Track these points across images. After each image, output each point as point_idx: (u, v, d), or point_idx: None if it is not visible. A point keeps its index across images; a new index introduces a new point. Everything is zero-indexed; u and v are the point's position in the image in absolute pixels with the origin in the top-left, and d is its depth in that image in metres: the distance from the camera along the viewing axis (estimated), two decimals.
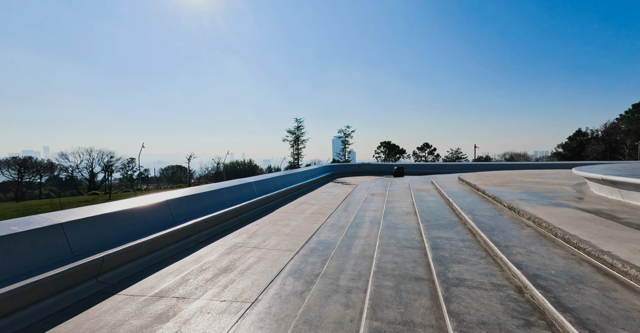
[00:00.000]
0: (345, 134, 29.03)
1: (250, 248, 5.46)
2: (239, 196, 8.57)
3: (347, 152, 29.66)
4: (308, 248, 5.27)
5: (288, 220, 7.73)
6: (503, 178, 10.00)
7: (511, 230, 4.08)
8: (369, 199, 9.61)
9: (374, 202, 9.04)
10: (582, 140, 47.78)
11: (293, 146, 25.00)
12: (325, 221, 7.32)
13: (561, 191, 6.60)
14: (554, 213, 4.44)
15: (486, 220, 4.74)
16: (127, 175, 45.38)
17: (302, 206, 9.64)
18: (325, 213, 8.39)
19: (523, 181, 8.83)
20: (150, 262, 4.51)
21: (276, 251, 5.22)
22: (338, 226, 6.73)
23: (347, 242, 5.14)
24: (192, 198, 6.62)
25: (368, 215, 7.31)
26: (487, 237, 3.84)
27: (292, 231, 6.60)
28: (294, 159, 25.04)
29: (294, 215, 8.40)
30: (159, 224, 5.30)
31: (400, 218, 6.27)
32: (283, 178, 12.46)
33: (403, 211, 6.88)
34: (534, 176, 10.18)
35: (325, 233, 6.15)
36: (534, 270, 2.72)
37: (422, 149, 51.07)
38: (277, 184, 11.48)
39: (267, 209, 9.29)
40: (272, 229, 6.80)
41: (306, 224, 7.21)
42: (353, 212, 8.08)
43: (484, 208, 5.70)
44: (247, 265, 4.58)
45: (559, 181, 8.38)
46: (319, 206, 9.54)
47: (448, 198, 7.21)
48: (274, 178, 11.56)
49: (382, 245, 4.50)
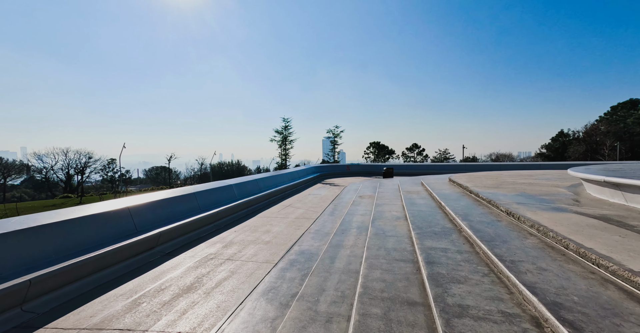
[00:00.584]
0: (334, 134, 28.52)
1: (223, 259, 4.82)
2: (218, 200, 7.90)
3: (336, 152, 29.17)
4: (288, 259, 4.68)
5: (270, 226, 7.11)
6: (494, 179, 9.65)
7: (513, 240, 3.60)
8: (357, 202, 9.09)
9: (362, 205, 8.52)
10: (565, 141, 48.84)
11: (281, 147, 24.31)
12: (309, 227, 6.74)
13: (557, 193, 6.23)
14: (558, 219, 4.00)
15: (484, 227, 4.27)
16: (107, 177, 43.39)
17: (287, 210, 9.03)
18: (310, 218, 7.81)
19: (515, 182, 8.48)
20: (99, 282, 3.81)
21: (252, 264, 4.60)
22: (323, 232, 6.16)
23: (331, 253, 4.57)
24: (162, 203, 5.93)
25: (355, 219, 6.77)
26: (487, 249, 3.35)
27: (273, 238, 5.99)
28: (282, 160, 24.34)
29: (277, 219, 7.79)
30: (116, 234, 4.60)
31: (390, 224, 5.75)
32: (268, 179, 11.82)
33: (393, 216, 6.37)
34: (525, 177, 9.88)
35: (309, 242, 5.57)
36: (552, 296, 2.22)
37: (411, 149, 51.14)
38: (261, 187, 10.83)
39: (249, 213, 8.64)
40: (251, 236, 6.18)
41: (289, 230, 6.62)
42: (340, 216, 7.52)
43: (479, 212, 5.24)
44: (216, 282, 3.95)
45: (552, 183, 8.06)
46: (304, 210, 8.95)
47: (440, 201, 6.75)
48: (257, 179, 10.91)
49: (370, 257, 3.95)
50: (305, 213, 8.50)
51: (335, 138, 28.19)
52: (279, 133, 24.24)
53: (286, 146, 24.23)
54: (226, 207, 7.50)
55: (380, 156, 50.08)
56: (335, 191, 13.22)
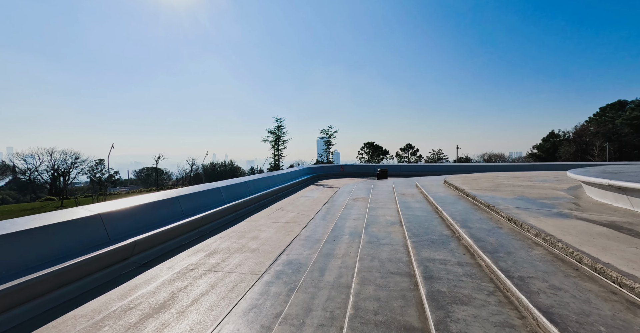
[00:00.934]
0: (327, 134, 28.16)
1: (204, 271, 4.42)
2: (203, 204, 7.47)
3: (330, 153, 28.86)
4: (274, 270, 4.30)
5: (258, 231, 6.72)
6: (490, 181, 9.41)
7: (518, 251, 3.28)
8: (350, 205, 8.74)
9: (355, 208, 8.18)
10: (555, 141, 49.35)
11: (274, 147, 23.87)
12: (300, 233, 6.37)
13: (557, 196, 5.97)
14: (564, 226, 3.70)
15: (484, 235, 3.95)
16: (95, 178, 42.14)
17: (277, 213, 8.64)
18: (301, 222, 7.44)
19: (512, 184, 8.24)
20: (58, 301, 3.38)
21: (235, 276, 4.21)
22: (313, 239, 5.80)
23: (321, 263, 4.21)
24: (140, 209, 5.49)
25: (348, 225, 6.42)
26: (491, 261, 3.02)
27: (261, 246, 5.61)
28: (275, 161, 23.90)
29: (266, 224, 7.40)
30: (85, 245, 4.16)
31: (384, 229, 5.42)
32: (258, 181, 11.40)
33: (387, 221, 6.04)
34: (521, 179, 9.66)
35: (298, 250, 5.20)
36: (574, 325, 1.89)
37: (405, 150, 51.11)
38: (251, 189, 10.42)
39: (238, 217, 8.23)
40: (237, 243, 5.78)
41: (278, 236, 6.24)
42: (332, 221, 7.17)
43: (478, 218, 4.93)
44: (193, 298, 3.55)
45: (550, 185, 7.83)
46: (295, 213, 8.58)
47: (436, 204, 6.44)
48: (247, 181, 10.49)
49: (363, 269, 3.60)
50: (297, 216, 8.12)
51: (329, 138, 27.86)
52: (271, 133, 23.80)
53: (279, 146, 23.83)
54: (212, 211, 7.08)
55: (374, 156, 49.94)
56: (328, 193, 12.88)
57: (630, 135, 40.67)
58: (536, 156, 50.23)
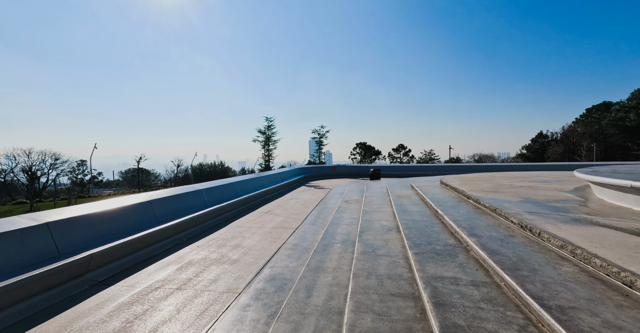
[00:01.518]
0: (319, 134, 27.50)
1: (171, 289, 3.74)
2: (181, 209, 6.76)
3: (322, 153, 28.22)
4: (254, 289, 3.65)
5: (242, 238, 6.06)
6: (489, 181, 8.94)
7: (544, 268, 2.73)
8: (343, 208, 8.14)
9: (348, 212, 7.58)
10: (544, 142, 49.87)
11: (264, 147, 23.12)
12: (287, 240, 5.73)
13: (566, 199, 5.49)
14: (591, 236, 3.17)
15: (497, 245, 3.39)
16: (77, 179, 40.28)
17: (264, 218, 7.98)
18: (289, 227, 6.80)
19: (513, 185, 7.77)
20: None
21: (208, 296, 3.55)
22: (302, 248, 5.17)
23: (309, 280, 3.59)
24: (104, 216, 4.76)
25: (340, 231, 5.81)
26: (514, 282, 2.45)
27: (242, 256, 4.95)
28: (265, 161, 23.15)
29: (251, 230, 6.73)
30: (21, 263, 3.43)
31: (380, 237, 4.82)
32: (245, 182, 10.70)
33: (383, 227, 5.45)
34: (520, 180, 9.23)
35: (283, 261, 4.56)
36: None
37: (397, 150, 50.91)
38: (236, 191, 9.72)
39: (220, 222, 7.53)
40: (215, 253, 5.10)
41: (263, 244, 5.58)
42: (323, 226, 6.55)
43: (485, 224, 4.39)
44: (150, 329, 2.88)
45: (553, 186, 7.38)
46: (284, 218, 7.93)
47: (435, 208, 5.89)
48: (232, 183, 9.78)
49: (358, 289, 2.99)
50: (285, 221, 7.48)
51: (320, 138, 27.23)
52: (261, 133, 23.03)
53: (269, 146, 23.07)
54: (190, 217, 6.37)
55: (367, 156, 49.58)
56: (319, 194, 12.26)
57: (616, 136, 41.32)
58: (525, 156, 50.68)
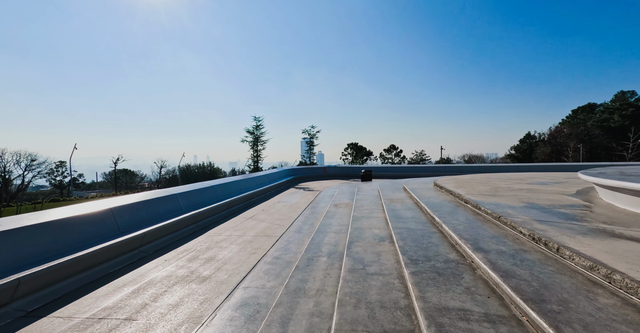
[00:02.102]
0: (310, 134, 26.79)
1: (118, 321, 3.06)
2: (152, 216, 6.04)
3: (312, 154, 27.56)
4: (220, 319, 3.00)
5: (218, 249, 5.39)
6: (485, 184, 8.48)
7: (576, 298, 2.17)
8: (332, 213, 7.54)
9: (337, 217, 6.98)
10: (531, 143, 50.44)
11: (253, 148, 22.32)
12: (268, 251, 5.09)
13: (573, 204, 5.02)
14: (620, 252, 2.65)
15: (510, 264, 2.84)
16: (55, 181, 38.31)
17: (247, 224, 7.31)
18: (273, 235, 6.16)
19: (511, 188, 7.31)
20: None
21: (162, 328, 2.89)
22: (283, 261, 4.53)
23: (286, 307, 2.96)
24: (48, 227, 4.02)
25: (327, 240, 5.20)
26: (546, 323, 1.89)
27: (215, 272, 4.29)
28: (254, 162, 22.36)
29: (230, 238, 6.07)
30: None
31: (372, 249, 4.23)
32: (228, 185, 9.99)
33: (374, 236, 4.87)
34: (516, 182, 8.81)
35: (260, 279, 3.92)
36: None
37: (388, 151, 50.69)
38: (218, 195, 9.01)
39: (197, 230, 6.84)
40: (184, 269, 4.43)
41: (240, 256, 4.94)
42: (309, 234, 5.94)
43: (489, 235, 3.84)
44: None
45: (553, 189, 6.94)
46: (268, 224, 7.28)
47: (432, 214, 5.35)
48: (214, 186, 9.07)
49: (343, 324, 2.38)
50: (269, 228, 6.83)
51: (311, 139, 26.56)
52: (250, 133, 22.23)
53: (258, 147, 22.30)
54: (160, 225, 5.66)
55: (358, 157, 49.20)
56: (308, 197, 11.64)
57: (601, 136, 42.00)
58: (514, 156, 51.17)
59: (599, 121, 43.07)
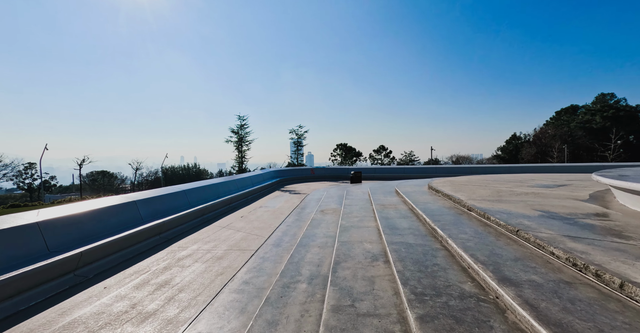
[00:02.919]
0: (297, 134, 25.71)
1: None
2: (100, 230, 4.99)
3: (300, 154, 26.51)
4: None
5: (178, 269, 4.42)
6: (484, 186, 7.77)
7: None
8: (317, 221, 6.64)
9: (322, 227, 6.09)
10: (517, 143, 51.00)
11: (237, 148, 21.14)
12: (237, 274, 4.15)
13: (597, 212, 4.29)
14: None
15: (558, 308, 2.02)
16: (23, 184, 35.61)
17: (221, 234, 6.34)
18: (248, 249, 5.23)
19: (514, 192, 6.60)
20: None
21: None
22: (253, 289, 3.61)
23: None
24: None
25: (309, 258, 4.30)
26: None
27: (163, 305, 3.33)
28: (238, 164, 21.18)
29: (196, 254, 5.09)
30: None
31: (363, 273, 3.36)
32: (204, 189, 8.96)
33: (366, 253, 4.00)
34: (517, 184, 8.15)
35: (219, 318, 2.99)
36: None
37: (378, 151, 50.22)
38: (191, 200, 7.98)
39: (160, 243, 5.82)
40: (124, 302, 3.43)
41: (203, 279, 3.99)
42: (289, 249, 5.03)
43: (511, 256, 3.03)
44: None
45: (560, 192, 6.27)
46: (244, 234, 6.32)
47: (432, 224, 4.53)
48: (186, 191, 8.03)
49: None
50: (245, 239, 5.88)
51: (299, 139, 25.55)
52: (234, 133, 21.06)
53: (243, 147, 21.14)
54: (107, 241, 4.64)
55: (348, 158, 48.51)
56: (294, 201, 10.71)
57: (583, 137, 42.73)
58: (500, 157, 51.60)
59: (581, 123, 43.84)
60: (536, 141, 47.35)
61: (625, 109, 40.79)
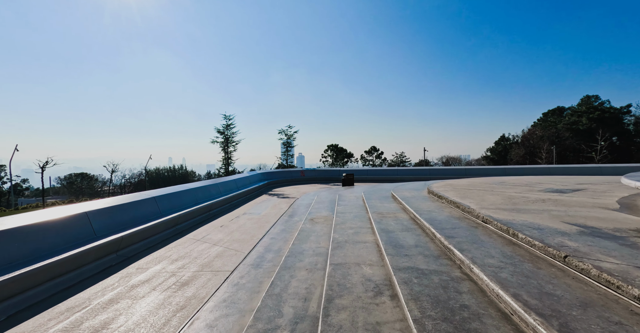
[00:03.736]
0: (286, 135, 24.59)
1: None
2: (37, 250, 3.94)
3: (290, 156, 25.41)
4: None
5: (127, 303, 3.43)
6: (490, 191, 7.02)
7: None
8: (306, 232, 5.72)
9: (312, 240, 5.18)
10: (506, 145, 51.30)
11: (224, 149, 19.94)
12: (199, 311, 3.20)
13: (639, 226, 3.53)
14: None
15: None
16: None
17: (193, 249, 5.34)
18: (221, 270, 4.28)
19: (528, 198, 5.84)
20: None
21: None
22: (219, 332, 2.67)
23: None
24: None
25: (294, 288, 3.38)
26: None
27: None
28: (224, 166, 19.98)
29: (157, 278, 4.10)
30: None
31: (364, 316, 2.46)
32: (179, 195, 7.92)
33: (366, 283, 3.11)
34: (527, 189, 7.43)
35: None
36: None
37: (369, 152, 49.62)
38: (163, 208, 6.94)
39: (114, 264, 4.78)
40: None
41: (156, 320, 3.02)
42: (270, 272, 4.09)
43: (576, 300, 2.20)
44: None
45: (581, 199, 5.54)
46: (221, 249, 5.36)
47: (444, 241, 3.68)
48: (157, 197, 6.99)
49: None
50: (220, 256, 4.91)
51: (288, 140, 24.45)
52: (220, 133, 19.88)
53: (229, 148, 19.98)
54: (36, 267, 3.60)
55: (339, 159, 47.73)
56: (281, 206, 9.76)
57: (570, 138, 43.19)
58: (489, 158, 51.79)
59: (568, 124, 44.34)
60: (524, 142, 47.65)
61: (610, 111, 41.43)
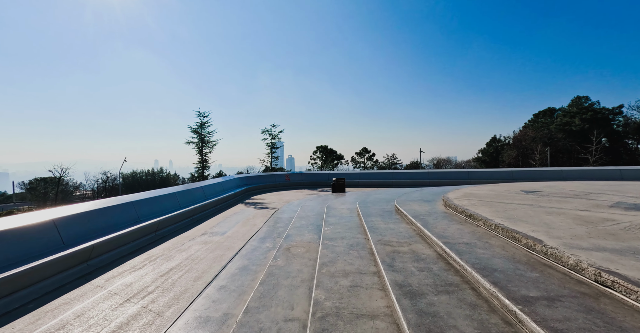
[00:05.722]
0: (270, 135, 22.22)
1: None
2: None
3: (274, 157, 22.98)
4: None
5: None
6: (541, 207, 5.05)
7: None
8: (274, 278, 3.58)
9: (279, 301, 3.05)
10: (497, 146, 50.39)
11: (199, 151, 17.46)
12: None
13: None
14: None
15: None
16: None
17: (83, 313, 3.11)
18: None
19: (617, 222, 3.90)
20: None
21: None
22: None
23: None
24: None
25: None
26: None
27: None
28: (198, 169, 17.55)
29: None
30: None
31: None
32: (103, 213, 5.66)
33: None
34: (589, 202, 5.52)
35: None
36: None
37: (360, 154, 47.75)
38: (72, 234, 4.67)
39: None
40: None
41: None
42: None
43: None
44: None
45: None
46: (137, 309, 3.17)
47: None
48: (70, 216, 4.71)
49: None
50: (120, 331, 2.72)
51: (272, 140, 22.02)
52: (195, 133, 17.46)
53: (204, 149, 17.55)
54: None
55: (329, 161, 45.65)
56: (255, 222, 7.59)
57: (563, 140, 42.46)
58: (481, 160, 50.75)
59: (560, 125, 43.66)
60: (516, 143, 46.78)
61: (602, 112, 40.90)
